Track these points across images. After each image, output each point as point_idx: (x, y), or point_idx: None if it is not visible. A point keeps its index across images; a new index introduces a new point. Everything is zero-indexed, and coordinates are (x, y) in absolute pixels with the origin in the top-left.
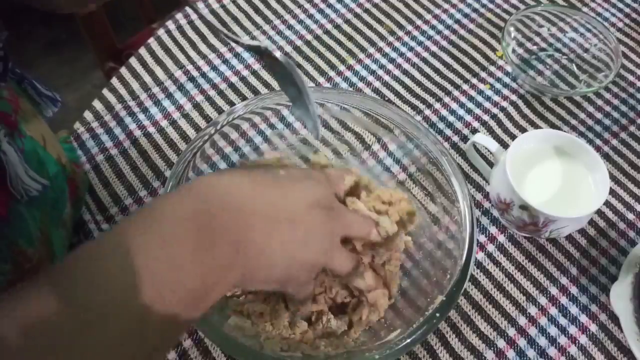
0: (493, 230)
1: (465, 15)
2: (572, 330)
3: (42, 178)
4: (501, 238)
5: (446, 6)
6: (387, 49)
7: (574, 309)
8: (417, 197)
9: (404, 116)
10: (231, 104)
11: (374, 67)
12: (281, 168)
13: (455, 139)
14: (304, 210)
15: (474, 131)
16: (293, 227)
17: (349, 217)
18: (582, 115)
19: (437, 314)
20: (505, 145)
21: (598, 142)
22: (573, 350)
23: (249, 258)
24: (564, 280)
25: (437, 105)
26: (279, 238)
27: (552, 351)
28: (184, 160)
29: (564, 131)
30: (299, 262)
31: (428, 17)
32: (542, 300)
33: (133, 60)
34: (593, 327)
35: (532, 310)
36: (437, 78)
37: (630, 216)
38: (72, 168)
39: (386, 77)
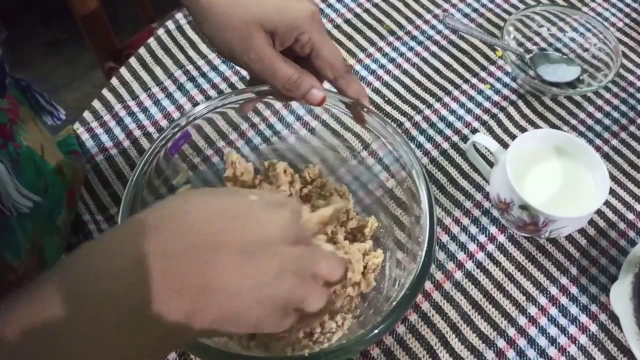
0: (493, 230)
1: (465, 15)
2: (572, 330)
3: (34, 195)
4: (501, 238)
5: (446, 6)
6: (387, 49)
7: (574, 309)
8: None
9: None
10: None
11: (373, 66)
12: (251, 191)
13: (455, 138)
14: (279, 243)
15: (474, 131)
16: (267, 263)
17: (320, 255)
18: (582, 115)
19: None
20: (505, 145)
21: (598, 141)
22: (573, 350)
23: (219, 302)
24: (564, 280)
25: (437, 105)
26: (251, 276)
27: (552, 351)
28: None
29: (564, 131)
30: (275, 300)
31: (428, 16)
32: (542, 300)
33: (133, 60)
34: (593, 327)
35: (532, 310)
36: (437, 78)
37: (630, 216)
38: (74, 173)
39: (386, 77)
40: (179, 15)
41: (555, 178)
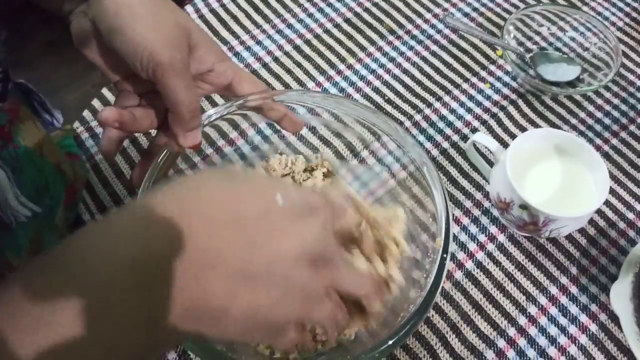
0: (493, 229)
1: (466, 14)
2: (572, 330)
3: (33, 205)
4: (501, 238)
5: (446, 5)
6: (387, 48)
7: (573, 309)
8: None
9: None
10: None
11: (373, 66)
12: (281, 186)
13: (455, 138)
14: (291, 265)
15: (474, 130)
16: (268, 289)
17: (342, 271)
18: (582, 114)
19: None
20: (505, 145)
21: (598, 141)
22: (573, 350)
23: (207, 321)
24: (563, 280)
25: (437, 105)
26: (245, 301)
27: (552, 351)
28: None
29: (564, 130)
30: (269, 324)
31: (428, 16)
32: (542, 300)
33: None
34: (593, 327)
35: (532, 310)
36: (437, 77)
37: (630, 215)
38: (74, 172)
39: (386, 76)
40: None
41: (555, 177)
